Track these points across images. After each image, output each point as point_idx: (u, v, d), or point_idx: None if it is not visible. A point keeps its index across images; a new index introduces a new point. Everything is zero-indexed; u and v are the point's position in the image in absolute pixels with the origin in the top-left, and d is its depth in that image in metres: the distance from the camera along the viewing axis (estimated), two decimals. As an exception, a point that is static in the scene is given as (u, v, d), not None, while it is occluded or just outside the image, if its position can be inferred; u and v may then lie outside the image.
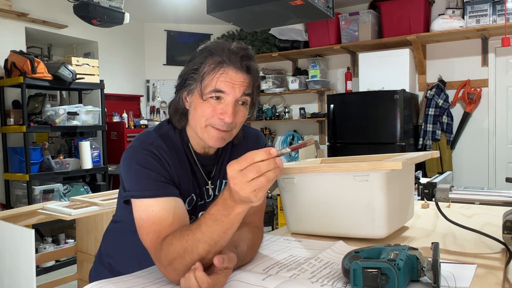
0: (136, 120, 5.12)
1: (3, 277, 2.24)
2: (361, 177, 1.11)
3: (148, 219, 0.93)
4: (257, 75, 1.03)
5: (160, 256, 0.87)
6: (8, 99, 3.97)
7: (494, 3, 3.94)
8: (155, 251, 0.89)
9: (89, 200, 2.47)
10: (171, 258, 0.84)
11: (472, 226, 1.11)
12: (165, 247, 0.86)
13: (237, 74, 0.98)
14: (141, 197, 0.95)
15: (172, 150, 1.03)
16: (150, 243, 0.91)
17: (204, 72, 0.99)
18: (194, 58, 1.02)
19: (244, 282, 0.86)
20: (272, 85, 5.20)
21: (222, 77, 0.97)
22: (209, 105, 0.99)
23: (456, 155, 4.42)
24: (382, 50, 4.52)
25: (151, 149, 0.99)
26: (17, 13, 3.95)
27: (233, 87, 0.98)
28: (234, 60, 0.98)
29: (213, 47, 1.00)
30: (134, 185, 0.97)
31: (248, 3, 2.17)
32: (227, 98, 0.98)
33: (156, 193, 0.94)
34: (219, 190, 1.14)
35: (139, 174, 0.97)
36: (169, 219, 0.92)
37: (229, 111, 0.98)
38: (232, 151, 1.15)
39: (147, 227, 0.92)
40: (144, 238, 0.93)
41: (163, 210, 0.93)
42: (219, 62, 0.98)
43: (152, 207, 0.93)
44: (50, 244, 3.91)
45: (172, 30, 5.62)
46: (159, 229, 0.91)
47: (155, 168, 0.97)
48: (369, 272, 0.77)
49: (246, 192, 0.72)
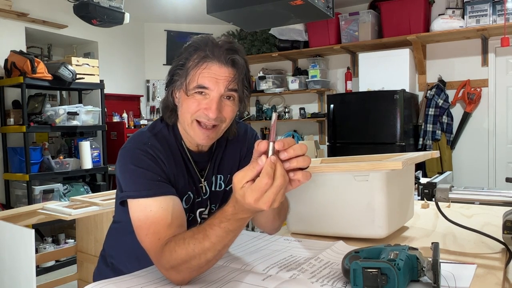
0: (136, 120, 5.12)
1: (3, 277, 2.24)
2: (361, 177, 1.11)
3: (146, 219, 0.92)
4: (243, 69, 1.00)
5: (161, 260, 0.86)
6: (8, 99, 3.97)
7: (494, 3, 3.94)
8: (155, 253, 0.89)
9: (89, 200, 2.47)
10: (174, 264, 0.83)
11: (472, 226, 1.11)
12: (167, 253, 0.85)
13: (221, 68, 0.97)
14: (138, 197, 0.94)
15: (166, 148, 1.03)
16: (149, 245, 0.90)
17: (188, 67, 0.98)
18: (181, 54, 1.01)
19: (244, 282, 0.86)
20: (272, 85, 5.20)
21: (205, 72, 0.96)
22: (194, 101, 0.98)
23: (456, 155, 4.42)
24: (382, 50, 4.52)
25: (145, 148, 0.99)
26: (17, 13, 3.95)
27: (216, 82, 0.96)
28: (218, 54, 0.96)
29: (197, 42, 1.00)
30: (130, 185, 0.96)
31: (248, 3, 2.17)
32: (212, 94, 0.97)
33: (153, 193, 0.94)
34: (215, 186, 1.14)
35: (134, 174, 0.96)
36: (167, 219, 0.91)
37: (213, 106, 0.96)
38: (226, 148, 1.15)
39: (146, 228, 0.91)
40: (143, 239, 0.92)
41: (161, 209, 0.92)
42: (202, 57, 0.97)
43: (150, 207, 0.92)
44: (50, 244, 3.91)
45: (172, 30, 5.62)
46: (158, 229, 0.90)
47: (150, 168, 0.97)
48: (369, 272, 0.77)
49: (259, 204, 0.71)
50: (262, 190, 0.70)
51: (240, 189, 0.72)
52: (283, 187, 0.71)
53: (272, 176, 0.69)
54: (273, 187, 0.70)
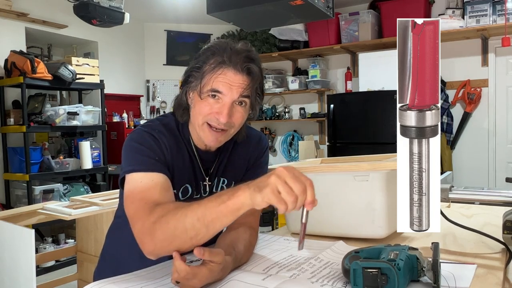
0: (136, 120, 5.12)
1: (3, 277, 2.24)
2: (361, 177, 1.11)
3: (135, 189, 0.95)
4: (258, 77, 1.02)
5: (147, 217, 0.87)
6: (8, 99, 3.97)
7: (494, 3, 3.94)
8: (139, 215, 0.90)
9: (89, 200, 2.47)
10: (159, 215, 0.86)
11: (472, 226, 1.11)
12: (159, 209, 0.87)
13: (236, 75, 0.98)
14: (132, 171, 0.97)
15: (172, 138, 1.06)
16: (134, 210, 0.92)
17: (204, 71, 1.00)
18: (199, 56, 1.03)
19: (244, 282, 0.86)
20: (272, 85, 5.20)
21: (220, 77, 0.98)
22: (206, 104, 1.00)
23: (456, 155, 4.42)
24: (382, 50, 4.52)
25: (151, 131, 1.03)
26: (17, 13, 3.95)
27: (230, 88, 0.98)
28: (235, 61, 0.98)
29: (216, 46, 1.01)
30: (128, 161, 1.00)
31: (248, 3, 2.17)
32: (224, 99, 0.99)
33: (147, 168, 0.97)
34: (216, 188, 1.14)
35: (134, 150, 1.00)
36: (156, 189, 0.94)
37: (224, 111, 0.99)
38: (233, 151, 1.15)
39: (133, 196, 0.94)
40: (128, 206, 0.94)
41: (152, 182, 0.95)
42: (219, 62, 0.98)
43: (140, 179, 0.96)
44: (50, 244, 3.91)
45: (172, 30, 5.62)
46: (146, 196, 0.92)
47: (150, 147, 1.00)
48: (369, 272, 0.77)
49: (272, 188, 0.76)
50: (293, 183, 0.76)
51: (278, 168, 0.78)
52: (293, 205, 0.76)
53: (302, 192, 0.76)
54: (292, 194, 0.76)
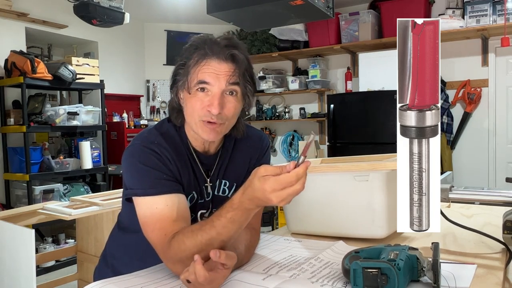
0: (136, 120, 5.12)
1: (3, 277, 2.24)
2: (361, 177, 1.11)
3: (152, 216, 0.94)
4: (244, 63, 1.00)
5: (168, 253, 0.89)
6: (8, 99, 3.97)
7: (494, 3, 3.94)
8: (162, 248, 0.91)
9: (89, 200, 2.47)
10: (182, 256, 0.86)
11: (472, 226, 1.11)
12: (175, 245, 0.87)
13: (220, 64, 0.97)
14: (144, 194, 0.96)
15: (173, 147, 1.03)
16: (156, 240, 0.93)
17: (189, 66, 0.99)
18: (182, 54, 1.02)
19: (244, 282, 0.86)
20: (272, 85, 5.20)
21: (204, 68, 0.97)
22: (196, 99, 0.98)
23: (456, 155, 4.42)
24: (382, 50, 4.52)
25: (152, 147, 1.00)
26: (17, 13, 3.95)
27: (217, 78, 0.97)
28: (217, 50, 0.97)
29: (197, 41, 1.01)
30: (136, 183, 0.98)
31: (248, 3, 2.17)
32: (213, 89, 0.97)
33: (159, 191, 0.96)
34: (218, 190, 1.13)
35: (141, 172, 0.98)
36: (173, 215, 0.94)
37: (215, 102, 0.96)
38: (234, 151, 1.13)
39: (152, 224, 0.94)
40: (149, 236, 0.94)
41: (167, 207, 0.94)
42: (202, 55, 0.98)
43: (156, 204, 0.95)
44: (50, 244, 3.91)
45: (172, 30, 5.62)
46: (164, 226, 0.92)
47: (157, 166, 0.98)
48: (369, 272, 0.77)
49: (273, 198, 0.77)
50: (283, 185, 0.76)
51: (262, 177, 0.77)
52: (297, 194, 0.77)
53: (298, 179, 0.76)
54: (292, 188, 0.76)
